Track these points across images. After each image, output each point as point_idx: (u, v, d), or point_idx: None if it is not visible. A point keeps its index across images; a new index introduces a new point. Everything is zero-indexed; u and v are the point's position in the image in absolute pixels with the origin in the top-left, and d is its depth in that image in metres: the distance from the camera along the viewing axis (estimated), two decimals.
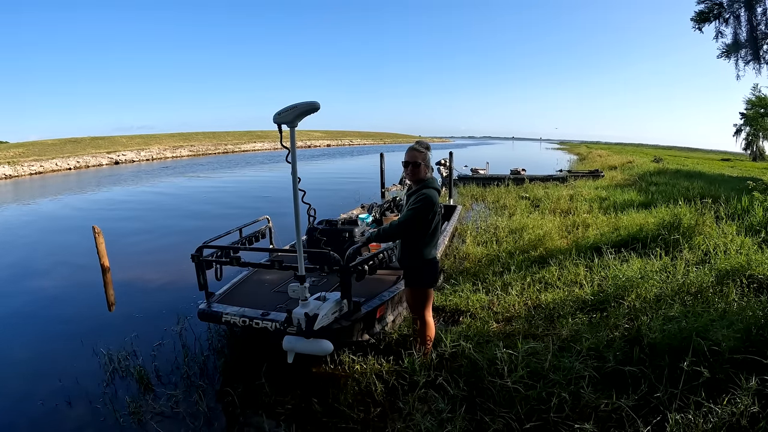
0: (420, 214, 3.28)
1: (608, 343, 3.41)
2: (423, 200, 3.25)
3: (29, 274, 7.26)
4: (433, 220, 3.35)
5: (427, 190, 3.32)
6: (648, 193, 11.47)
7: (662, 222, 6.62)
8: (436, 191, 3.37)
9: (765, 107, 39.66)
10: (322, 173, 26.15)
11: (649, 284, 4.42)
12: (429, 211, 3.29)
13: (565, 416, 2.67)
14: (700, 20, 12.50)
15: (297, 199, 3.05)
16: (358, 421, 3.09)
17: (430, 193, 3.31)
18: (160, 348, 4.41)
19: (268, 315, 3.62)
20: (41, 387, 3.82)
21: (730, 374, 2.71)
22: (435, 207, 3.32)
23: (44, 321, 5.31)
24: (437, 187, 3.41)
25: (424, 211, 3.28)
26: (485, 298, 4.80)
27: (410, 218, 3.30)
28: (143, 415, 3.33)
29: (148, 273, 6.95)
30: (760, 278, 4.46)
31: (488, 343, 3.52)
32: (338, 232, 5.21)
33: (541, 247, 6.54)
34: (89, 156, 37.66)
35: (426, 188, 3.35)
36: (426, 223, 3.33)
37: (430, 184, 3.38)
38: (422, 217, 3.29)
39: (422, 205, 3.26)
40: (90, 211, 13.86)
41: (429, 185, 3.37)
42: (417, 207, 3.27)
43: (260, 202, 14.64)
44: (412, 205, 3.31)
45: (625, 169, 22.14)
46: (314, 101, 2.82)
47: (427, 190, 3.32)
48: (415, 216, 3.29)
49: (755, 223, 6.56)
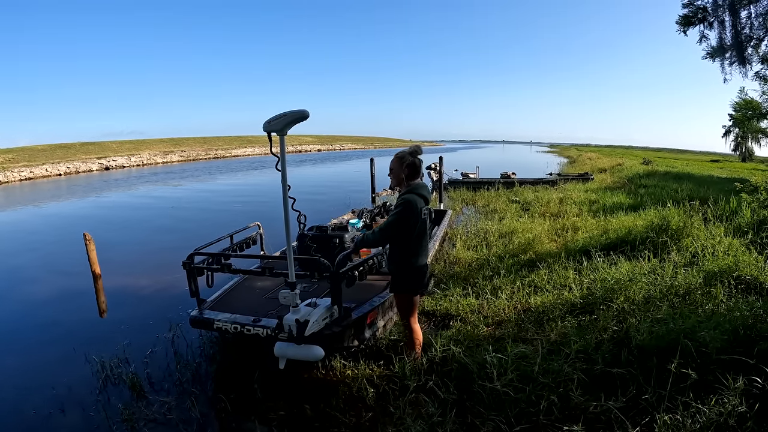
0: (399, 220, 3.27)
1: (597, 345, 3.44)
2: (402, 205, 3.24)
3: (20, 281, 7.21)
4: (416, 226, 3.32)
5: (408, 195, 3.30)
6: (637, 196, 11.57)
7: (651, 224, 6.68)
8: (420, 196, 3.33)
9: (752, 109, 40.03)
10: (311, 178, 26.11)
11: (637, 286, 4.46)
12: (409, 216, 3.27)
13: (555, 419, 2.70)
14: (684, 24, 12.64)
15: (287, 207, 3.07)
16: (349, 426, 3.11)
17: (411, 197, 3.29)
18: (152, 355, 4.40)
19: (259, 321, 3.63)
20: (34, 395, 3.80)
21: (718, 375, 2.74)
22: (415, 211, 3.28)
23: (35, 328, 5.28)
24: (422, 193, 3.36)
25: (404, 217, 3.26)
26: (475, 302, 4.83)
27: (390, 224, 3.31)
28: (136, 422, 3.33)
29: (139, 280, 6.91)
30: (748, 279, 4.51)
31: (478, 347, 3.54)
32: (329, 238, 5.23)
33: (531, 251, 6.58)
34: (79, 162, 37.39)
35: (408, 193, 3.33)
36: (408, 228, 3.30)
37: (414, 190, 3.35)
38: (401, 222, 3.28)
39: (401, 210, 3.26)
40: (79, 218, 13.76)
41: (412, 190, 3.35)
42: (396, 212, 3.27)
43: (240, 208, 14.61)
44: (393, 211, 3.32)
45: (614, 171, 22.30)
46: (303, 110, 2.84)
47: (408, 195, 3.30)
48: (394, 222, 3.29)
49: (743, 225, 6.63)
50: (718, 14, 11.52)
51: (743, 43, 11.08)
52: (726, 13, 11.20)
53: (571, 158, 41.86)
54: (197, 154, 52.09)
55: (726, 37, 11.45)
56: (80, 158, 39.19)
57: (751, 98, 38.39)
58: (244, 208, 14.38)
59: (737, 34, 11.00)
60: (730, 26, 11.22)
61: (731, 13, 11.00)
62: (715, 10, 11.60)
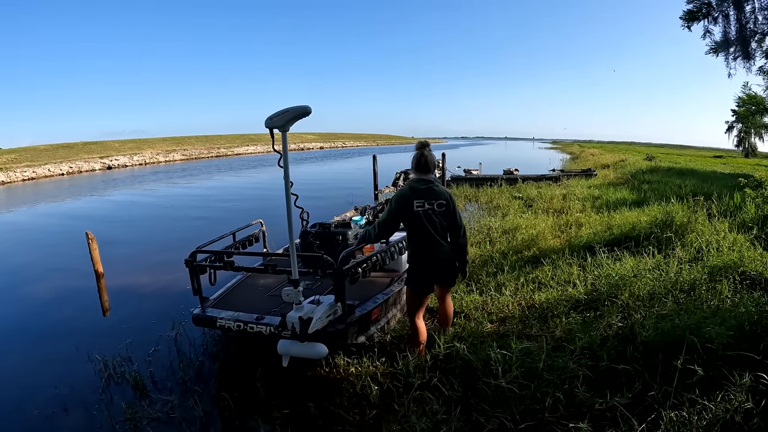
0: (386, 214, 3.46)
1: (602, 341, 3.42)
2: (390, 200, 3.37)
3: (23, 280, 7.23)
4: (409, 219, 3.38)
5: (401, 189, 3.47)
6: (640, 192, 11.50)
7: (655, 220, 6.63)
8: (413, 189, 3.37)
9: (756, 105, 39.85)
10: (313, 175, 26.11)
11: (642, 282, 4.43)
12: (395, 211, 3.39)
13: (560, 416, 2.68)
14: (689, 19, 12.56)
15: (289, 203, 3.06)
16: (353, 424, 3.09)
17: (401, 191, 3.45)
18: (155, 353, 4.40)
19: (262, 319, 3.62)
20: (37, 394, 3.80)
21: (724, 371, 2.71)
22: (401, 205, 3.36)
23: (38, 327, 5.28)
24: (415, 186, 3.39)
25: (389, 211, 3.43)
26: (479, 299, 4.81)
27: (381, 219, 3.49)
28: (139, 421, 3.32)
29: (142, 278, 6.92)
30: (753, 274, 4.47)
31: (482, 344, 3.52)
32: (332, 235, 5.21)
33: (535, 247, 6.55)
34: (82, 161, 37.47)
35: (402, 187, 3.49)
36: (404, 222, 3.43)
37: (409, 183, 3.46)
38: (388, 216, 3.42)
39: (389, 205, 3.45)
40: (81, 217, 13.78)
41: (408, 183, 3.47)
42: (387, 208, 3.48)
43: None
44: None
45: (617, 167, 22.20)
46: (305, 105, 2.83)
47: (401, 189, 3.47)
48: (383, 216, 3.48)
49: (747, 220, 6.59)
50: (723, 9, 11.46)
51: (747, 37, 11.01)
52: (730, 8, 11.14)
53: (574, 154, 41.72)
54: (200, 152, 52.14)
55: (730, 32, 11.39)
56: (83, 158, 39.24)
57: (755, 93, 38.22)
58: (247, 205, 14.39)
59: (741, 29, 10.94)
60: (734, 21, 11.16)
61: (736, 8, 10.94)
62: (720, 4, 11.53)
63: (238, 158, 48.28)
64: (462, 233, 3.50)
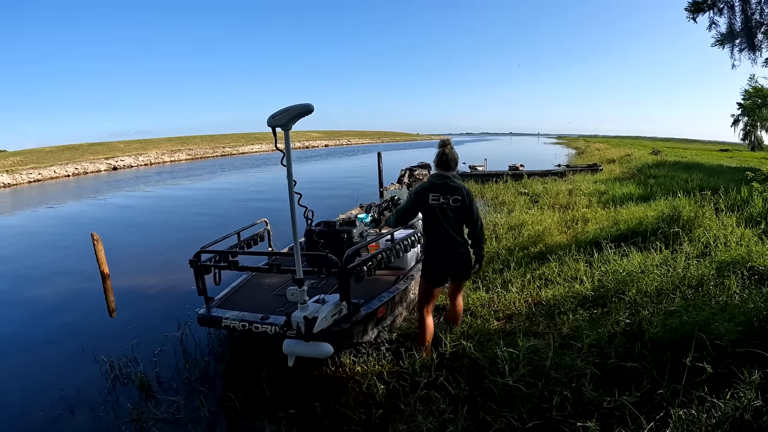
0: (404, 204, 3.73)
1: (609, 339, 3.39)
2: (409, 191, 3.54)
3: (29, 282, 7.25)
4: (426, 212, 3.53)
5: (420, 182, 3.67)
6: (647, 186, 11.42)
7: (662, 215, 6.58)
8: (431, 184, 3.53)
9: (762, 98, 39.57)
10: (318, 173, 26.10)
11: (649, 278, 4.39)
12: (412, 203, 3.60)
13: (568, 414, 2.66)
14: (694, 10, 12.46)
15: (293, 202, 3.04)
16: (360, 423, 3.09)
17: (420, 184, 3.69)
18: (160, 354, 4.40)
19: (267, 319, 3.62)
20: (43, 396, 3.82)
21: (733, 368, 2.68)
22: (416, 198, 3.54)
23: (44, 329, 5.31)
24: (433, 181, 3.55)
25: (407, 201, 3.69)
26: (485, 296, 4.78)
27: (400, 207, 3.79)
28: (145, 422, 3.32)
29: (147, 279, 6.93)
30: (761, 270, 4.42)
31: (489, 342, 3.51)
32: (336, 234, 5.18)
33: (541, 243, 6.51)
34: (87, 162, 37.61)
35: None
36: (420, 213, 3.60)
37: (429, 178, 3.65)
38: (405, 206, 3.67)
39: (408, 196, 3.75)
40: (87, 218, 13.83)
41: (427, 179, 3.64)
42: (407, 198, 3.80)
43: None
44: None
45: (623, 162, 22.08)
46: (308, 103, 2.81)
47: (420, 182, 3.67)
48: (401, 206, 3.78)
49: (755, 214, 6.52)
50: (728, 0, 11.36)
51: (753, 28, 10.91)
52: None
53: (579, 149, 41.58)
54: (204, 152, 52.24)
55: (736, 23, 11.29)
56: (88, 159, 39.38)
57: (761, 86, 37.94)
58: (251, 205, 14.40)
59: (747, 20, 10.84)
60: (739, 12, 11.06)
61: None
62: None
63: (242, 157, 48.37)
64: (479, 227, 3.62)
